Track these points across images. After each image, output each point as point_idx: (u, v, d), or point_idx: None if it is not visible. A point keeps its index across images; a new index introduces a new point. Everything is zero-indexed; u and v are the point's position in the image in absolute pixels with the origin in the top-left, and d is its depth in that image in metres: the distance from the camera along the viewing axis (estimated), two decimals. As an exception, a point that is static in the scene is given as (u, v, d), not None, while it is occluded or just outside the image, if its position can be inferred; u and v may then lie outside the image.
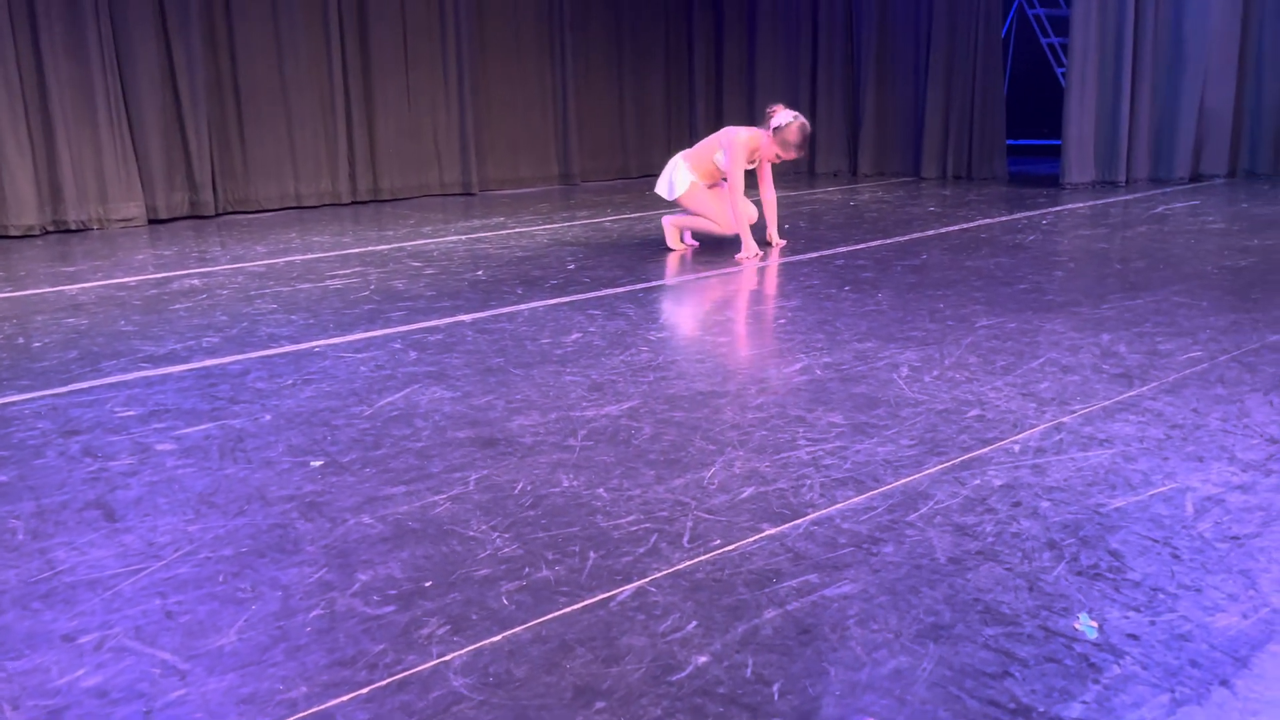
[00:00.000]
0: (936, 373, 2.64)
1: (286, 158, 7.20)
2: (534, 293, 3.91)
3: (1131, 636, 1.36)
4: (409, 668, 1.35)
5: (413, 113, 7.80)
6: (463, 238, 5.55)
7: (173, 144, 6.65)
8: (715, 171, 4.69)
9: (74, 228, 6.22)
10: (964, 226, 5.35)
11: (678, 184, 4.75)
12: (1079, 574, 1.54)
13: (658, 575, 1.58)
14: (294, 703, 1.28)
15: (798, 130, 4.51)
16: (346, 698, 1.29)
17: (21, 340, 3.35)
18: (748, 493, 1.89)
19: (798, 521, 1.76)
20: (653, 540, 1.70)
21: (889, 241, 4.93)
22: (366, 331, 3.33)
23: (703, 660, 1.34)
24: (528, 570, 1.61)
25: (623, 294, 3.85)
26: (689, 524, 1.76)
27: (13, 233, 5.97)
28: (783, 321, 3.29)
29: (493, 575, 1.59)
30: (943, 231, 5.20)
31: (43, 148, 6.12)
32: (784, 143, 4.53)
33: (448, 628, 1.44)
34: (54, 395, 2.69)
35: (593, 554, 1.66)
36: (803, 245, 4.89)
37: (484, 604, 1.51)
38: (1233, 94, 6.94)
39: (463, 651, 1.38)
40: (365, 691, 1.30)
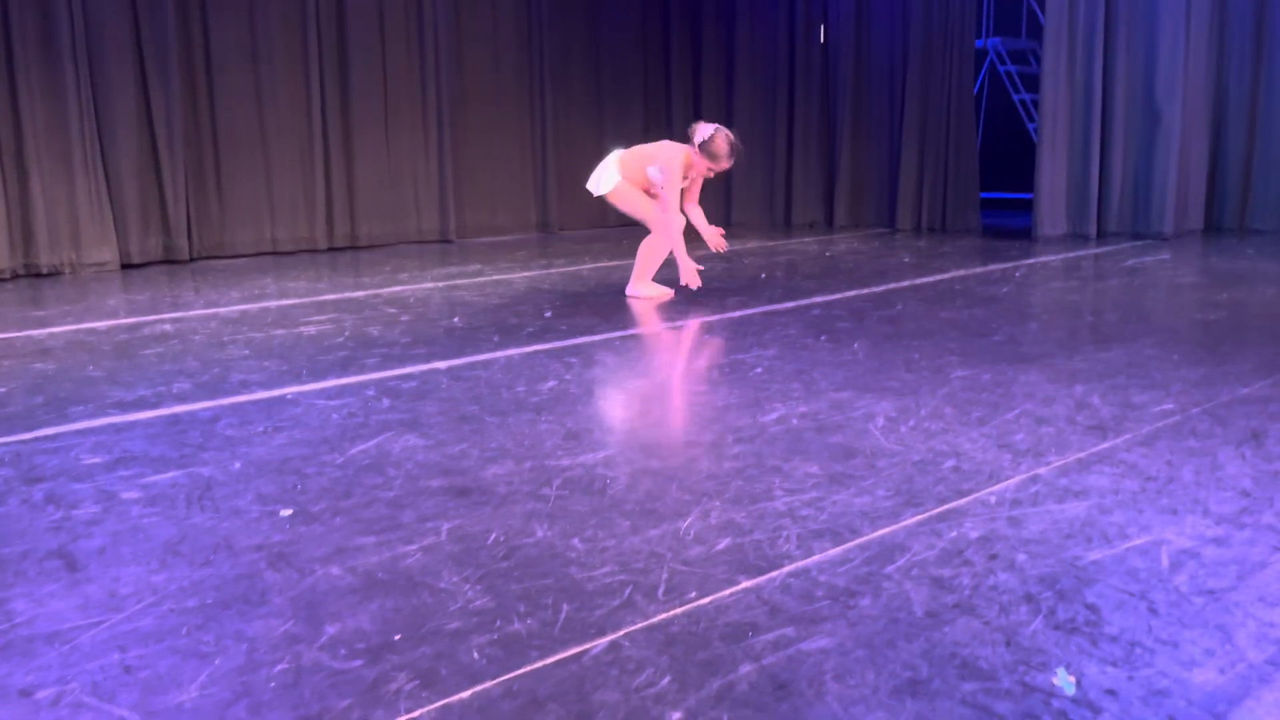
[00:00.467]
0: (912, 423, 2.64)
1: (264, 203, 7.19)
2: (510, 340, 3.90)
3: (1109, 692, 1.35)
4: (376, 725, 1.31)
5: (391, 160, 7.83)
6: (440, 285, 5.54)
7: (148, 189, 6.63)
8: (646, 181, 4.75)
9: (45, 272, 6.17)
10: (939, 278, 5.40)
11: (604, 183, 4.80)
12: (1056, 628, 1.53)
13: (632, 628, 1.55)
14: (256, 762, 1.24)
15: (723, 140, 4.60)
16: (310, 756, 1.25)
17: (-13, 385, 3.29)
18: (724, 544, 1.87)
19: (774, 574, 1.74)
20: (627, 592, 1.68)
21: (865, 292, 4.96)
22: (340, 378, 3.30)
23: (677, 717, 1.31)
24: (499, 623, 1.58)
25: (599, 342, 3.84)
26: (664, 576, 1.74)
27: (-17, 276, 5.91)
28: (759, 370, 3.29)
29: (463, 628, 1.56)
30: (918, 282, 5.24)
31: (16, 191, 6.08)
32: (712, 155, 4.62)
33: (416, 683, 1.41)
34: (18, 441, 2.64)
35: (566, 606, 1.63)
36: (780, 295, 4.92)
37: (454, 658, 1.47)
38: (1206, 150, 7.08)
39: (431, 708, 1.35)
40: (330, 750, 1.26)
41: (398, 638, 1.54)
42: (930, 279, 5.36)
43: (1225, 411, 2.69)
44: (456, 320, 4.38)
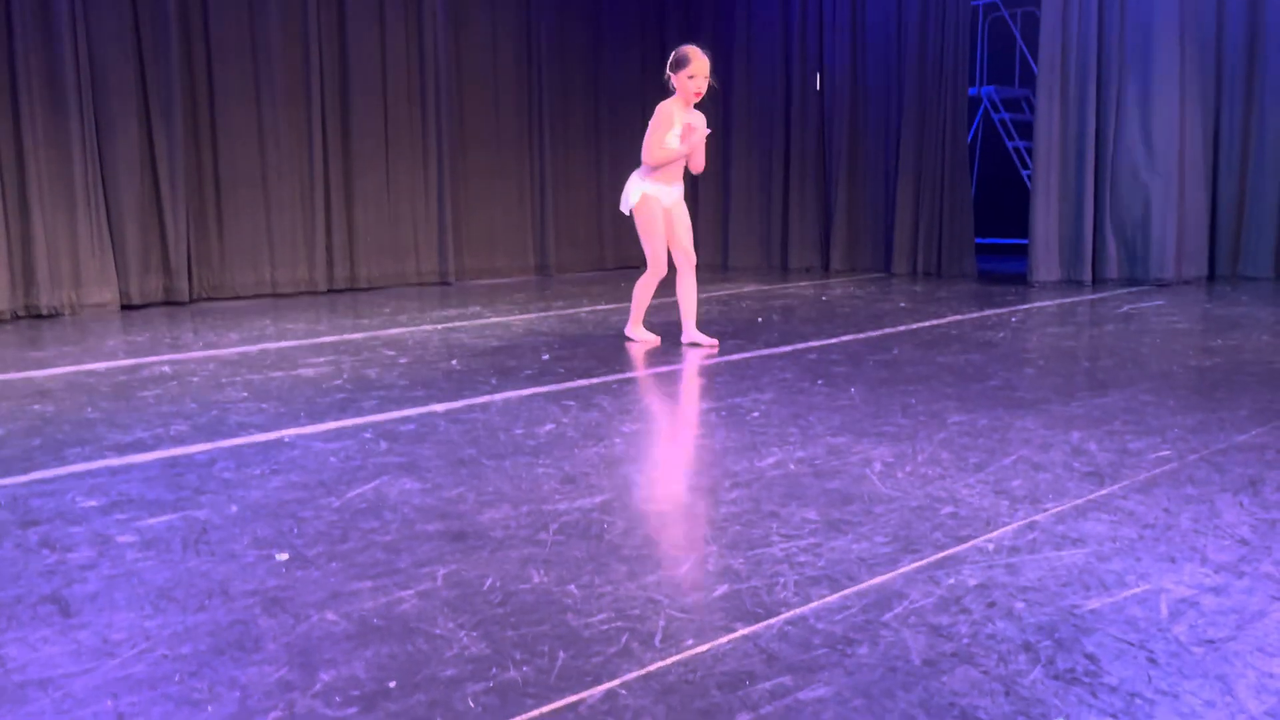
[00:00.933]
0: (910, 468, 2.64)
1: (264, 245, 7.23)
2: (508, 383, 3.90)
3: (1110, 744, 1.34)
4: (369, 774, 1.30)
5: (392, 203, 7.88)
6: (438, 327, 5.56)
7: (149, 230, 6.67)
8: (679, 162, 4.63)
9: (45, 313, 6.18)
10: (935, 322, 5.43)
11: (630, 196, 4.70)
12: (1055, 678, 1.52)
13: (629, 677, 1.54)
14: (248, 812, 1.22)
15: (685, 54, 4.49)
16: (303, 807, 1.24)
17: (-16, 426, 3.29)
18: (721, 590, 1.86)
19: (771, 621, 1.73)
20: (624, 640, 1.67)
21: (861, 336, 4.98)
22: (337, 421, 3.30)
23: (674, 767, 1.30)
24: (495, 670, 1.57)
25: (597, 385, 3.85)
26: (661, 623, 1.73)
27: (-18, 316, 5.92)
28: (756, 415, 3.30)
29: (459, 675, 1.55)
30: (914, 327, 5.26)
31: (18, 232, 6.11)
32: (679, 63, 4.48)
33: (411, 731, 1.40)
34: (14, 484, 2.64)
35: (562, 654, 1.62)
36: (776, 338, 4.94)
37: (449, 706, 1.46)
38: (1201, 196, 7.14)
39: (426, 757, 1.33)
40: (323, 800, 1.25)
41: (392, 685, 1.53)
42: (926, 324, 5.39)
43: (1222, 458, 2.69)
44: (454, 363, 4.39)
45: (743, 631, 1.69)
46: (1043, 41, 7.12)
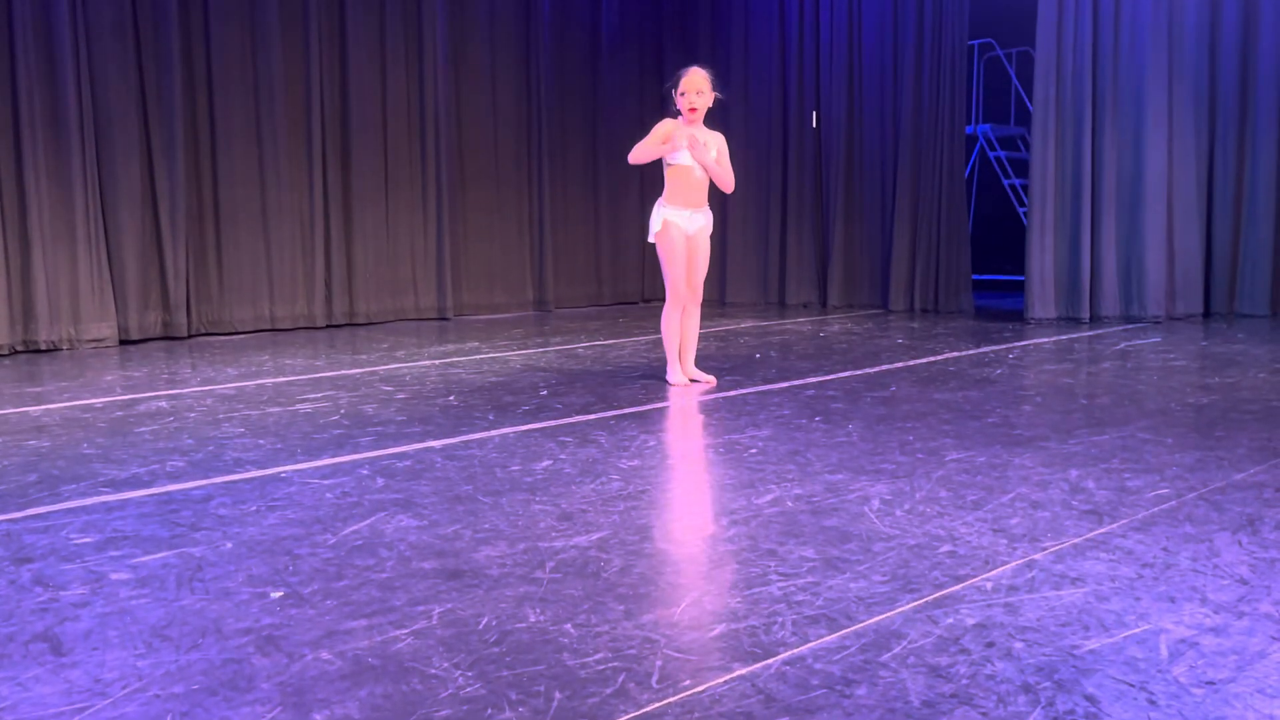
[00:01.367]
0: (908, 506, 2.64)
1: (263, 280, 7.25)
2: (505, 419, 3.90)
3: (1110, 787, 1.33)
4: (362, 818, 1.28)
5: (391, 239, 7.92)
6: (436, 362, 5.56)
7: (149, 265, 6.69)
8: (692, 177, 4.54)
9: (44, 348, 6.19)
10: (932, 359, 5.43)
11: (653, 224, 4.64)
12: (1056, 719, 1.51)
13: (625, 718, 1.53)
14: None
15: (678, 74, 4.49)
16: None
17: (-20, 461, 3.28)
18: (718, 630, 1.85)
19: (769, 661, 1.72)
20: (620, 680, 1.66)
21: (858, 373, 4.98)
22: (334, 457, 3.29)
23: (670, 811, 1.29)
24: (490, 711, 1.55)
25: (594, 421, 3.84)
26: (658, 663, 1.72)
27: (-20, 351, 5.93)
28: (754, 451, 3.29)
29: (453, 716, 1.54)
30: (911, 364, 5.27)
31: (18, 267, 6.13)
32: (678, 94, 4.46)
33: (405, 774, 1.38)
34: (8, 520, 2.63)
35: (558, 694, 1.61)
36: (774, 375, 4.94)
37: (444, 748, 1.45)
38: (1196, 234, 7.18)
39: (419, 800, 1.32)
40: (315, 844, 1.23)
41: (387, 726, 1.51)
42: (924, 360, 5.39)
43: (1220, 497, 2.69)
44: (452, 398, 4.39)
45: (740, 672, 1.68)
46: (1037, 81, 7.20)
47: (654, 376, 4.93)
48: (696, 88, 4.47)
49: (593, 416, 3.95)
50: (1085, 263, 7.17)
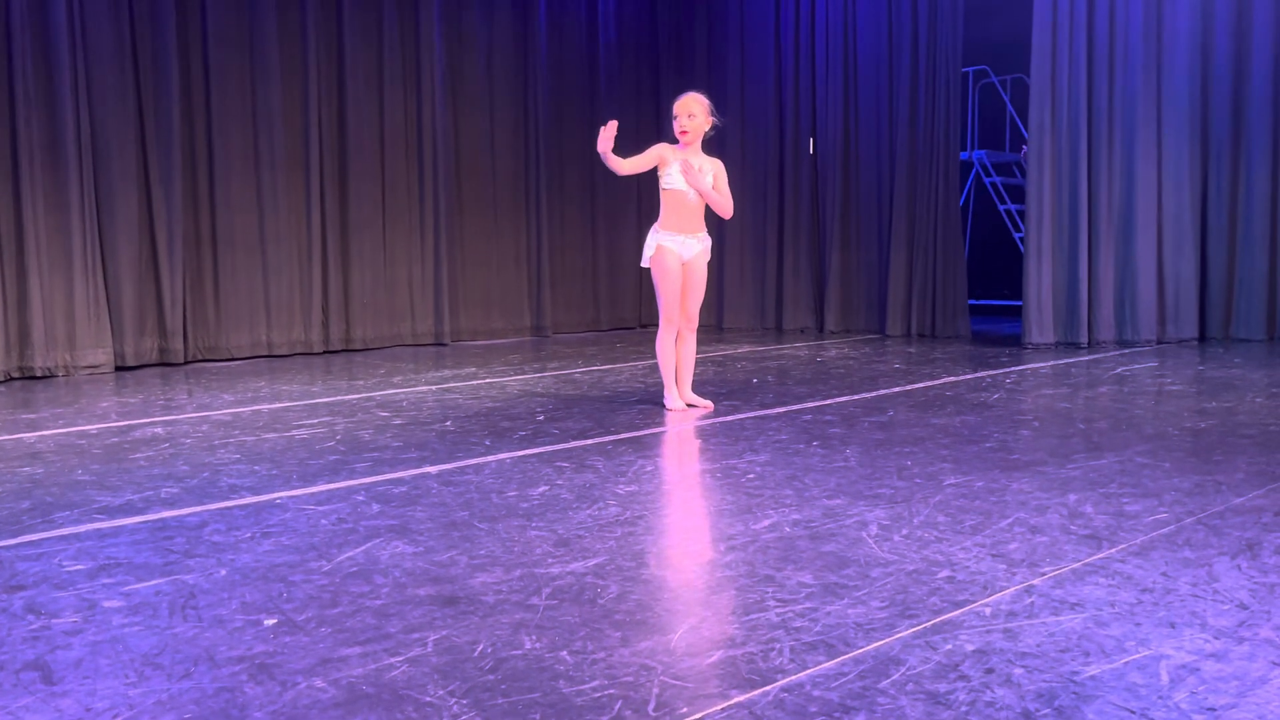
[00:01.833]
0: (906, 531, 2.62)
1: (260, 306, 7.25)
2: (502, 444, 3.89)
3: (1112, 816, 1.31)
4: None
5: (388, 265, 7.93)
6: (433, 388, 5.55)
7: (146, 292, 6.69)
8: (686, 201, 4.52)
9: (40, 374, 6.17)
10: (929, 384, 5.43)
11: (646, 249, 4.61)
12: (1056, 747, 1.49)
13: (621, 746, 1.51)
14: None
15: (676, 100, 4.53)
16: None
17: (-27, 488, 3.26)
18: (716, 656, 1.84)
19: (767, 688, 1.70)
20: (617, 708, 1.64)
21: (856, 398, 4.98)
22: (330, 483, 3.28)
23: (667, 841, 1.27)
24: (485, 740, 1.54)
25: (591, 446, 3.83)
26: (655, 690, 1.70)
27: (-24, 377, 5.91)
28: (751, 476, 3.28)
29: (448, 745, 1.52)
30: (908, 389, 5.27)
31: (15, 293, 6.13)
32: (674, 117, 4.47)
33: (398, 804, 1.36)
34: (1, 548, 2.61)
35: (554, 722, 1.59)
36: (771, 400, 4.93)
37: (438, 777, 1.43)
38: (1192, 259, 7.21)
39: (413, 831, 1.30)
40: None
41: (380, 755, 1.50)
42: (921, 385, 5.39)
43: (1219, 521, 2.68)
44: (449, 424, 4.38)
45: (738, 699, 1.66)
46: (1032, 107, 7.24)
47: (651, 401, 4.92)
48: (688, 110, 4.48)
49: (590, 442, 3.94)
50: (1083, 287, 7.19)
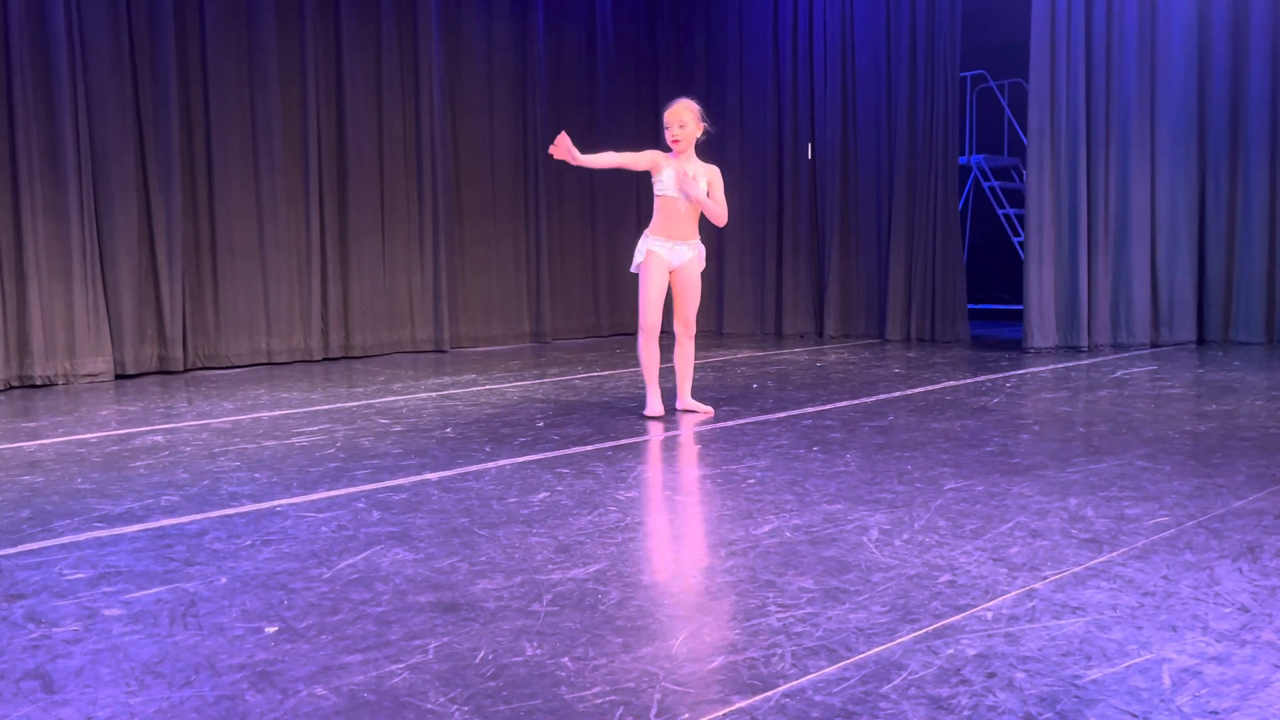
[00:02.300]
0: (907, 536, 2.62)
1: (260, 314, 7.25)
2: (502, 451, 3.88)
3: (1115, 820, 1.31)
4: None
5: (388, 272, 7.93)
6: (433, 395, 5.55)
7: (145, 300, 6.69)
8: (677, 208, 4.52)
9: (39, 383, 6.17)
10: (929, 388, 5.43)
11: (636, 254, 4.61)
12: (1058, 751, 1.49)
13: (623, 752, 1.51)
14: None
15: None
16: None
17: (-27, 497, 3.26)
18: (717, 662, 1.84)
19: (769, 694, 1.70)
20: (618, 714, 1.64)
21: (856, 402, 4.98)
22: (330, 490, 3.28)
23: None
24: (487, 747, 1.53)
25: (591, 452, 3.83)
26: (656, 696, 1.70)
27: (-24, 386, 5.91)
28: (752, 481, 3.28)
29: (450, 752, 1.52)
30: (908, 393, 5.27)
31: (14, 303, 6.13)
32: (665, 127, 4.50)
33: (400, 811, 1.36)
34: (1, 557, 2.60)
35: (555, 729, 1.59)
36: (771, 405, 4.93)
37: (439, 785, 1.43)
38: (1191, 262, 7.22)
39: (415, 838, 1.30)
40: None
41: (381, 763, 1.49)
42: (921, 389, 5.39)
43: (1220, 524, 2.68)
44: (449, 430, 4.38)
45: (740, 704, 1.66)
46: (1031, 112, 7.25)
47: (651, 407, 4.92)
48: (679, 120, 4.48)
49: (590, 448, 3.94)
50: (1083, 291, 7.20)
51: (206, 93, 6.93)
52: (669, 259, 4.57)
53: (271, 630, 2.04)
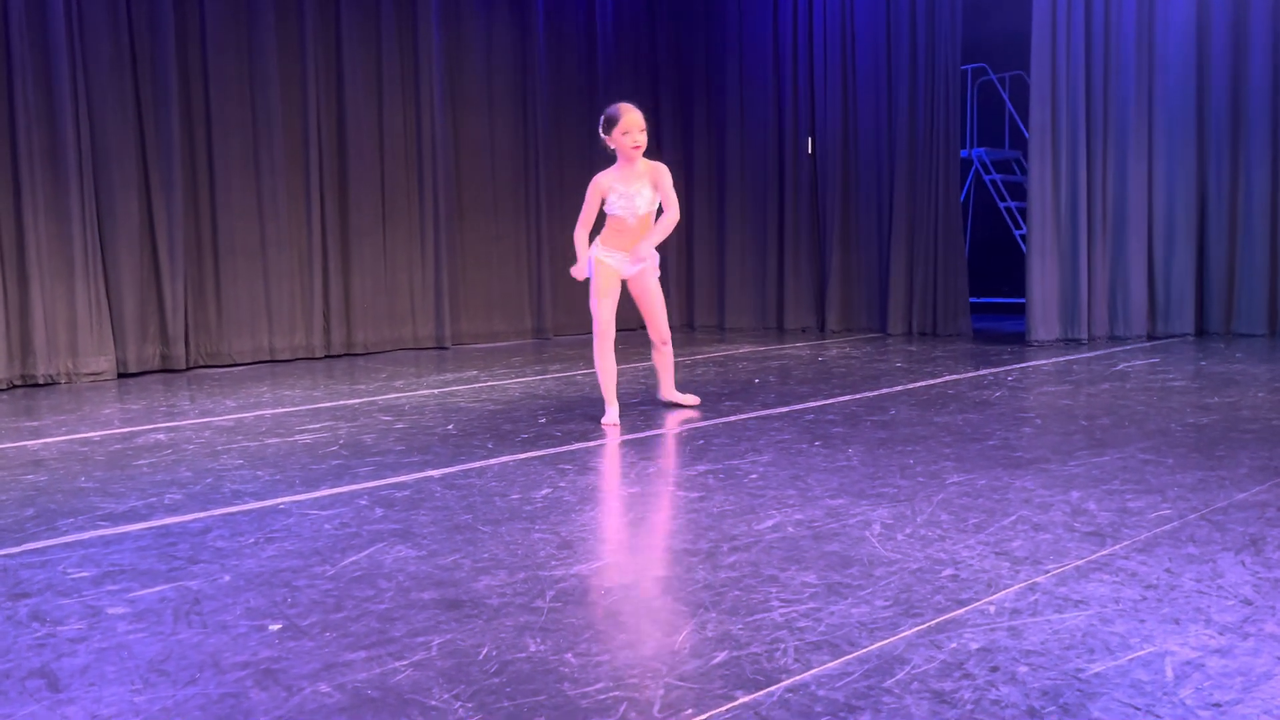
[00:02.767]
0: (909, 530, 2.62)
1: (261, 312, 7.25)
2: (504, 447, 3.89)
3: (1119, 813, 1.31)
4: None
5: (389, 269, 7.93)
6: (435, 391, 5.56)
7: (147, 299, 6.70)
8: (627, 225, 4.54)
9: (42, 382, 6.18)
10: (931, 382, 5.43)
11: (585, 265, 4.60)
12: (1061, 744, 1.49)
13: (627, 748, 1.52)
14: None
15: (614, 112, 4.46)
16: None
17: (-23, 496, 3.27)
18: (720, 657, 1.84)
19: (772, 689, 1.70)
20: (622, 709, 1.64)
21: (858, 396, 4.98)
22: (333, 488, 3.28)
23: (673, 843, 1.27)
24: (491, 743, 1.54)
25: (594, 448, 3.83)
26: (660, 692, 1.70)
27: (-21, 386, 5.92)
28: (754, 477, 3.28)
29: (454, 749, 1.52)
30: (910, 387, 5.27)
31: (16, 302, 6.13)
32: (618, 134, 4.43)
33: (404, 808, 1.37)
34: (5, 556, 2.61)
35: (559, 725, 1.59)
36: (773, 400, 4.93)
37: (444, 781, 1.43)
38: (1192, 255, 7.22)
39: (419, 835, 1.30)
40: None
41: (386, 759, 1.50)
42: (923, 383, 5.39)
43: (1223, 517, 2.68)
44: (451, 427, 4.38)
45: (743, 700, 1.66)
46: (1033, 105, 7.24)
47: (653, 403, 4.93)
48: (640, 125, 4.43)
49: (592, 444, 3.94)
50: (1083, 284, 7.19)
51: (207, 92, 6.92)
52: (620, 269, 4.55)
53: (275, 628, 2.04)
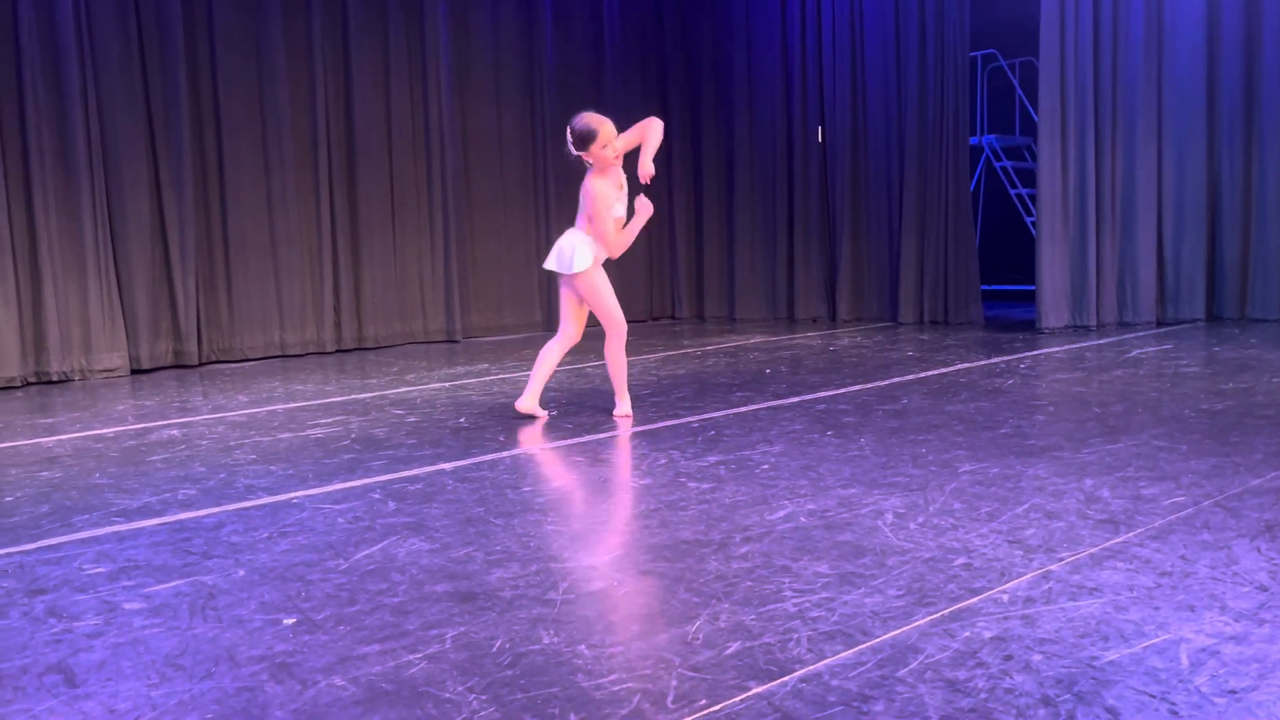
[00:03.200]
0: (922, 519, 2.62)
1: (273, 308, 7.27)
2: (516, 440, 3.89)
3: (1134, 801, 1.31)
4: (377, 846, 1.27)
5: (399, 264, 7.94)
6: (446, 385, 5.57)
7: (159, 295, 6.72)
8: (620, 224, 4.54)
9: (56, 379, 6.21)
10: (943, 371, 5.41)
11: (578, 259, 4.32)
12: (1076, 732, 1.49)
13: (640, 739, 1.52)
14: None
15: (590, 128, 4.41)
16: None
17: (-7, 494, 3.29)
18: (733, 648, 1.84)
19: (785, 679, 1.70)
20: (635, 700, 1.64)
21: (869, 386, 4.97)
22: (346, 482, 3.29)
23: (688, 833, 1.27)
24: (505, 735, 1.54)
25: (605, 439, 3.84)
26: (673, 683, 1.71)
27: (-7, 384, 5.95)
28: (766, 467, 3.28)
29: (468, 741, 1.53)
30: (922, 376, 5.25)
31: (29, 300, 6.16)
32: (598, 148, 4.41)
33: (420, 800, 1.37)
34: (21, 552, 2.63)
35: (573, 716, 1.60)
36: (785, 390, 4.93)
37: (459, 773, 1.44)
38: (1204, 240, 7.18)
39: (435, 826, 1.31)
40: None
41: (401, 752, 1.50)
42: (935, 372, 5.37)
43: (1237, 503, 2.66)
44: (462, 420, 4.39)
45: (756, 690, 1.67)
46: (1042, 91, 7.19)
47: (663, 394, 4.93)
48: (615, 133, 4.48)
49: (603, 435, 3.94)
50: (1092, 271, 7.16)
51: (216, 89, 6.93)
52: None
53: (290, 622, 2.05)
